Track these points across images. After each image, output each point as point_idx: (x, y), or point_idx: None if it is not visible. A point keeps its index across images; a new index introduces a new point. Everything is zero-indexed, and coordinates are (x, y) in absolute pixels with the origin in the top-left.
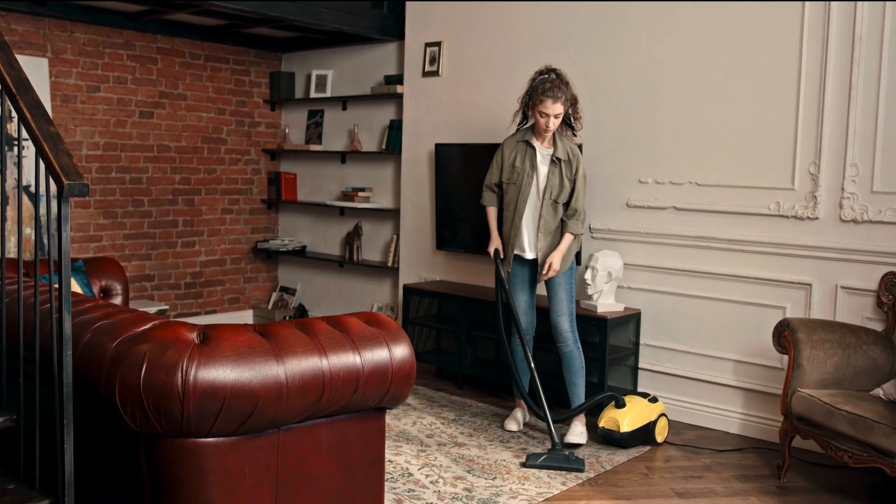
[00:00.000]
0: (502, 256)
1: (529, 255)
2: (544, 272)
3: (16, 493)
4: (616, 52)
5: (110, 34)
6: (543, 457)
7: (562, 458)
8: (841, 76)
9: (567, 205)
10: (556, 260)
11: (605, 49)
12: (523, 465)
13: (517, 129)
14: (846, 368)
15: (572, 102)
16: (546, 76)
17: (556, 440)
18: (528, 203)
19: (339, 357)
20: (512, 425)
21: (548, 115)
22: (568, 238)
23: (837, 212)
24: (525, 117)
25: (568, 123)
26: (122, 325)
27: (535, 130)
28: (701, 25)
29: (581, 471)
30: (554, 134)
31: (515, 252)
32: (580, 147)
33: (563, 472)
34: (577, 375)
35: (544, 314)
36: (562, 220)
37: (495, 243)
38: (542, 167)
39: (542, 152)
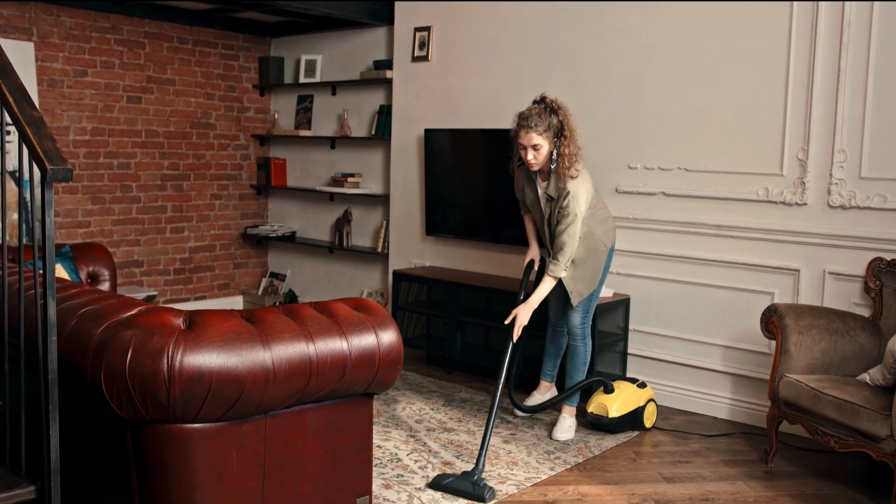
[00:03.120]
0: (535, 268)
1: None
2: (509, 320)
3: (1, 478)
4: (605, 37)
5: (97, 18)
6: (450, 479)
7: (467, 485)
8: (830, 62)
9: None
10: (522, 313)
11: (593, 33)
12: (429, 485)
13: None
14: (833, 354)
15: (557, 134)
16: (533, 105)
17: (480, 466)
18: (546, 231)
19: (327, 343)
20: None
21: (525, 147)
22: (547, 282)
23: (826, 198)
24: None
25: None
26: (108, 311)
27: None
28: (690, 10)
29: (483, 500)
30: (553, 168)
31: None
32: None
33: (552, 457)
34: (577, 370)
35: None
36: (543, 260)
37: (531, 254)
38: (543, 200)
39: (540, 185)
